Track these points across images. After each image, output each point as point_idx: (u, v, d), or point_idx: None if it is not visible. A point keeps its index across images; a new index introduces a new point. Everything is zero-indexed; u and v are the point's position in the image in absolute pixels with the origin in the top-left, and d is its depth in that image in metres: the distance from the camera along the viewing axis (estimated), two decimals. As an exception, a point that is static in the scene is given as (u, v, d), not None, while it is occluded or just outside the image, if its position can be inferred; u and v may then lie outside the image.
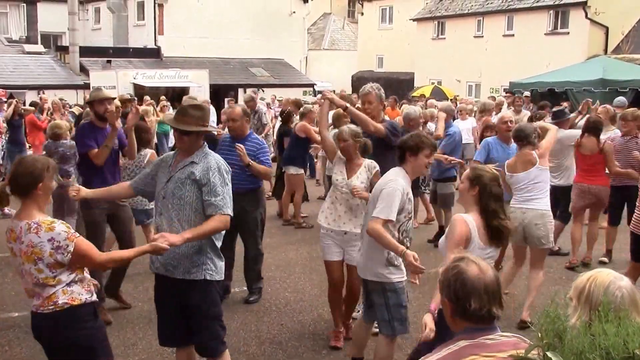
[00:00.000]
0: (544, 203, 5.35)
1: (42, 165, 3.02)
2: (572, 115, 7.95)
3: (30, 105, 13.32)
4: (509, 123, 6.23)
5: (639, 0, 19.24)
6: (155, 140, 11.85)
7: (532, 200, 5.31)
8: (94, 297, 3.16)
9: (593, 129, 6.77)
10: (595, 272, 2.13)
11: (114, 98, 6.90)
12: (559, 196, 6.97)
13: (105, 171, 5.22)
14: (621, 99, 10.92)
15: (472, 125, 11.42)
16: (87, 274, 3.18)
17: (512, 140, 5.76)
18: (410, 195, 3.90)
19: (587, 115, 7.57)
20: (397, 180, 3.80)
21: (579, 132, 7.01)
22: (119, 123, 5.24)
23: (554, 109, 8.60)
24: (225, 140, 5.70)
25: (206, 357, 3.79)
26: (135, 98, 13.37)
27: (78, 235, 3.05)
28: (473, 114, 12.36)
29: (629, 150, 6.87)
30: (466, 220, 3.38)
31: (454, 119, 9.30)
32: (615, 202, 6.99)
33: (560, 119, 7.15)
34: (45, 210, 3.12)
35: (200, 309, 3.57)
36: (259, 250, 5.92)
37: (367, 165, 4.72)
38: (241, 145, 5.45)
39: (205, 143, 3.65)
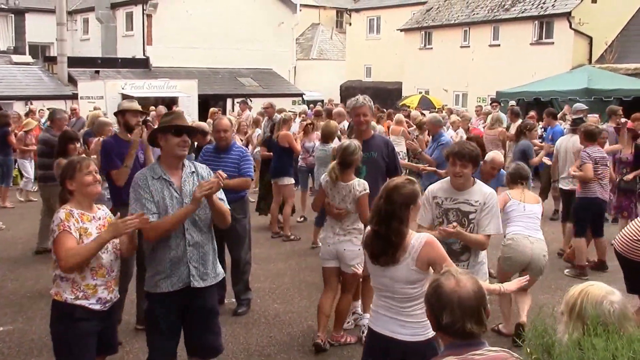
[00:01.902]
0: (542, 235, 5.42)
1: (69, 164, 3.40)
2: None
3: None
4: (496, 170, 6.01)
5: (621, 11, 19.50)
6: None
7: (537, 232, 5.36)
8: (82, 302, 3.24)
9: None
10: (587, 285, 2.11)
11: (146, 112, 6.49)
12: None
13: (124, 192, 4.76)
14: (580, 105, 11.07)
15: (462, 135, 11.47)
16: (94, 280, 3.27)
17: (508, 181, 5.77)
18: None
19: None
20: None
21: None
22: (142, 138, 4.92)
23: (574, 117, 8.73)
24: (208, 150, 5.65)
25: (211, 357, 3.79)
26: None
27: (70, 230, 3.17)
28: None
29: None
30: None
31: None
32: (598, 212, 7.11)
33: (578, 127, 7.42)
34: (87, 203, 3.38)
35: (213, 310, 3.72)
36: (248, 260, 5.88)
37: (356, 184, 4.73)
38: (222, 174, 5.26)
39: None
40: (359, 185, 4.72)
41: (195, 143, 6.65)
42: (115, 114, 5.31)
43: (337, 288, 4.98)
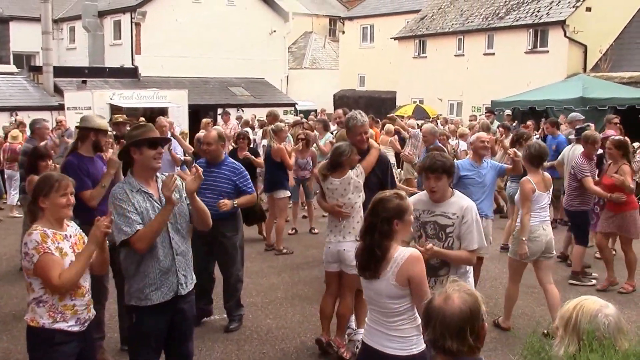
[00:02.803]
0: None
1: (46, 180, 3.34)
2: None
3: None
4: (486, 143, 6.30)
5: (616, 20, 19.75)
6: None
7: (547, 217, 5.77)
8: (61, 325, 3.22)
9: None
10: (582, 299, 2.15)
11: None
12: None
13: (99, 211, 4.62)
14: (576, 114, 11.19)
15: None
16: (72, 301, 3.24)
17: (528, 165, 5.87)
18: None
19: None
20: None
21: None
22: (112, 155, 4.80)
23: (577, 127, 8.86)
24: (200, 163, 5.50)
25: None
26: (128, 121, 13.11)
27: (51, 251, 3.13)
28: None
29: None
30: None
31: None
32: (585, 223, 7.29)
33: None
34: (57, 221, 3.33)
35: (193, 315, 3.91)
36: (239, 277, 5.88)
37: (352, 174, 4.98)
38: (225, 202, 5.34)
39: None
40: (355, 173, 4.93)
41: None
42: (80, 128, 5.07)
43: (337, 292, 5.12)
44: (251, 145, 9.59)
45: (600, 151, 7.58)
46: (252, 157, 8.69)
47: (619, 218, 6.81)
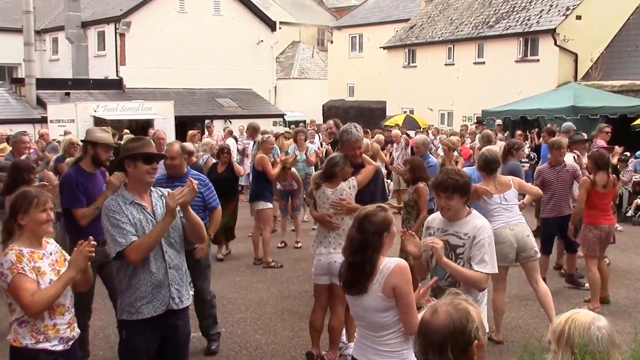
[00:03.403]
0: (523, 218, 5.92)
1: (24, 197, 3.30)
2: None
3: None
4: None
5: (606, 28, 20.02)
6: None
7: (515, 215, 5.82)
8: (44, 345, 3.21)
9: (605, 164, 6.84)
10: (573, 313, 2.16)
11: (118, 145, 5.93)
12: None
13: (90, 228, 4.52)
14: (569, 124, 11.31)
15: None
16: (52, 320, 3.23)
17: (482, 174, 6.00)
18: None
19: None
20: None
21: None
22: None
23: (570, 136, 8.99)
24: (160, 180, 5.12)
25: None
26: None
27: (25, 272, 3.12)
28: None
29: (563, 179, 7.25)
30: None
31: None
32: (550, 232, 7.36)
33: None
34: (36, 239, 3.30)
35: (189, 333, 3.89)
36: (212, 293, 5.80)
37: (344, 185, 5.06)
38: (201, 247, 5.18)
39: None
40: (348, 185, 5.00)
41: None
42: (83, 142, 5.09)
43: (327, 305, 5.14)
44: (234, 159, 9.61)
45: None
46: (234, 162, 8.75)
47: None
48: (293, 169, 9.73)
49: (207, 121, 20.14)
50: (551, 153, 7.38)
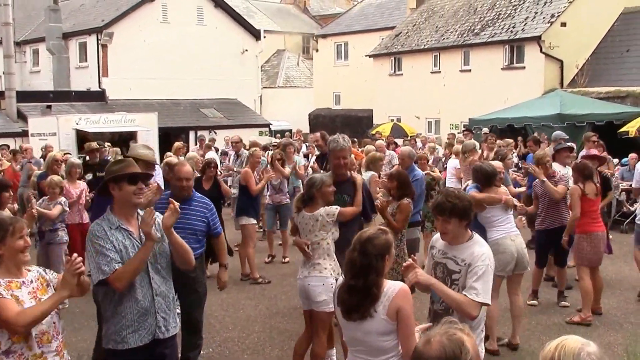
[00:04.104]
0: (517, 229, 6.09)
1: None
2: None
3: None
4: (501, 174, 6.38)
5: (591, 34, 20.27)
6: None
7: (514, 228, 6.01)
8: None
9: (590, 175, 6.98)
10: (563, 339, 2.17)
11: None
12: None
13: None
14: (560, 133, 11.43)
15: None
16: (39, 349, 3.15)
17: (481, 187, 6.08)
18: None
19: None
20: None
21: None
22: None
23: (555, 146, 9.10)
24: (163, 201, 4.70)
25: None
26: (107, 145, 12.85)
27: (3, 295, 3.05)
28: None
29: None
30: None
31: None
32: (545, 244, 7.36)
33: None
34: (15, 267, 3.20)
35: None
36: (202, 323, 5.60)
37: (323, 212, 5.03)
38: (174, 202, 4.63)
39: None
40: (327, 211, 4.96)
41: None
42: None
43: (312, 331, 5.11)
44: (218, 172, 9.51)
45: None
46: (222, 182, 8.68)
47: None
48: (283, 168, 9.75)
49: (199, 134, 20.00)
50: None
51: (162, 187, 8.30)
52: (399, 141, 18.01)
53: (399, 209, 6.28)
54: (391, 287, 3.10)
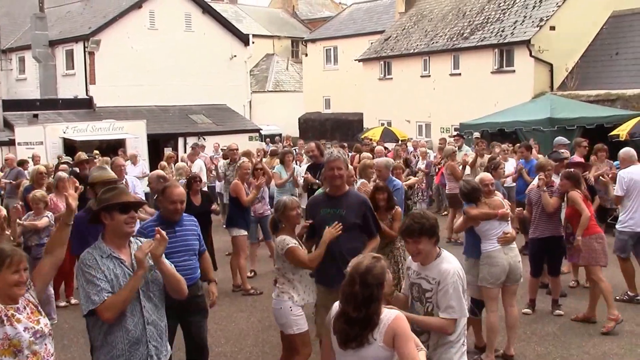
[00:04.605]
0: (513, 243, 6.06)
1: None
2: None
3: None
4: (490, 186, 6.20)
5: (580, 38, 20.38)
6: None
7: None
8: None
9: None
10: None
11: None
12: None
13: None
14: (561, 138, 11.47)
15: None
16: None
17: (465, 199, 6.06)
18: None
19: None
20: None
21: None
22: None
23: (549, 153, 9.09)
24: (151, 227, 4.51)
25: None
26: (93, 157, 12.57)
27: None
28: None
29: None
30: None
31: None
32: (539, 253, 7.33)
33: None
34: (8, 299, 3.13)
35: None
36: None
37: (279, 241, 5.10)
38: (161, 232, 4.17)
39: None
40: (280, 242, 5.01)
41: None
42: (88, 185, 4.99)
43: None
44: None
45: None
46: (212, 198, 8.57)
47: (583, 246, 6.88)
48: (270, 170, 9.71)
49: (192, 142, 19.81)
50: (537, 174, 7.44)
51: (144, 198, 8.25)
52: (390, 145, 18.01)
53: (394, 218, 6.37)
54: (387, 315, 3.10)
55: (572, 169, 7.59)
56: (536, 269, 7.37)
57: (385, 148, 16.29)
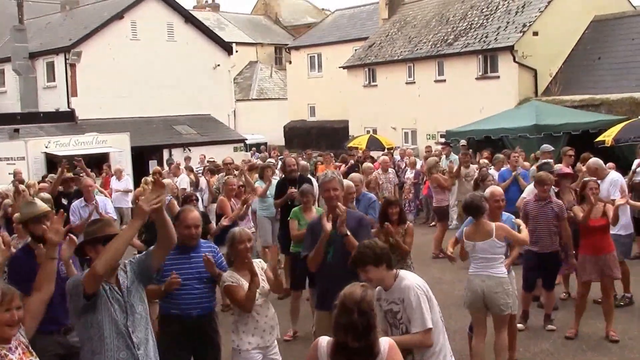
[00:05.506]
0: (502, 271, 5.69)
1: None
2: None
3: None
4: (500, 202, 6.12)
5: (563, 43, 20.57)
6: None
7: (490, 268, 5.64)
8: None
9: None
10: None
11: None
12: None
13: (56, 308, 4.06)
14: (547, 146, 11.54)
15: None
16: None
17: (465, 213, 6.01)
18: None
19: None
20: None
21: None
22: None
23: (538, 163, 9.08)
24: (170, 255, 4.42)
25: None
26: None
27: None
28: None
29: (546, 215, 7.09)
30: None
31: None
32: (534, 268, 7.24)
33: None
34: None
35: None
36: None
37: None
38: (209, 257, 4.67)
39: None
40: (224, 276, 4.70)
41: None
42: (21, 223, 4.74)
43: None
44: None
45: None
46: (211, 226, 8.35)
47: (602, 260, 6.80)
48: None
49: (177, 154, 19.59)
50: (536, 189, 7.33)
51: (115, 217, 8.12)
52: (376, 154, 17.95)
53: (406, 232, 6.39)
54: (382, 344, 3.09)
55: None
56: (529, 283, 7.29)
57: (371, 157, 16.23)
